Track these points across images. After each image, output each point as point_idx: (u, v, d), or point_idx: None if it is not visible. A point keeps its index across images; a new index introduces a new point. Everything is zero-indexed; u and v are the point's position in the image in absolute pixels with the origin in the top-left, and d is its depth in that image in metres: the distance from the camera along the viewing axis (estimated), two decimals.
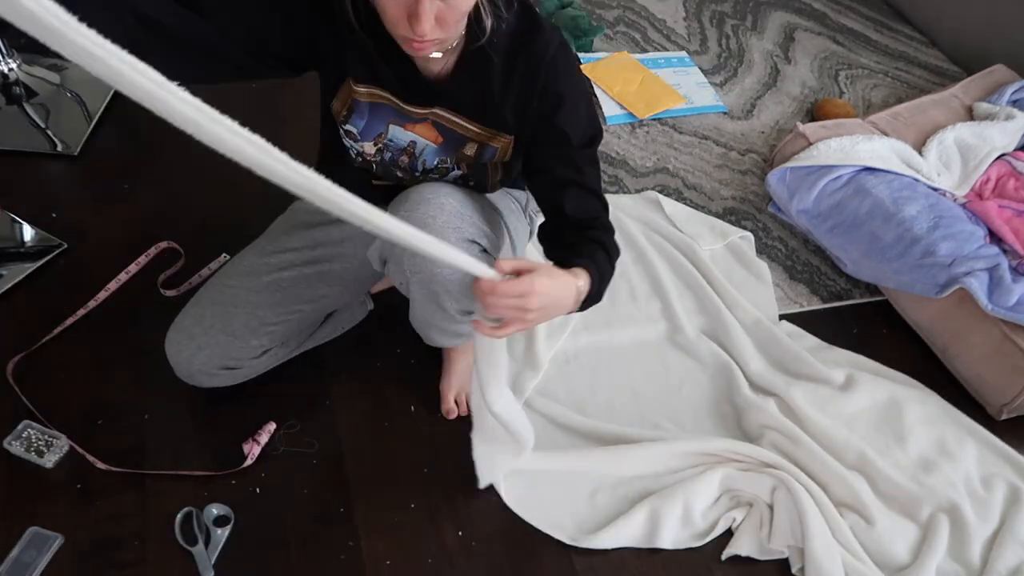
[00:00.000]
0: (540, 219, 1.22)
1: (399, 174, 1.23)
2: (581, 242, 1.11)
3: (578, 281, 1.04)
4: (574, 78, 1.12)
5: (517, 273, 0.98)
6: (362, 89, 1.12)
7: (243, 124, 0.69)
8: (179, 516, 1.23)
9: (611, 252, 1.13)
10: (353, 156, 1.23)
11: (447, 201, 1.13)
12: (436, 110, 1.13)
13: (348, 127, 1.18)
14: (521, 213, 1.36)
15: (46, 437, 1.30)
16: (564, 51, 1.10)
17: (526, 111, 1.11)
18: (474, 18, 1.00)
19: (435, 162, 1.21)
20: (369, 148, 1.20)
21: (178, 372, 1.30)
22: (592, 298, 1.09)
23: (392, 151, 1.20)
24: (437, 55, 1.04)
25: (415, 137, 1.17)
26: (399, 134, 1.17)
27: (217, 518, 1.24)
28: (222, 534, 1.21)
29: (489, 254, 1.16)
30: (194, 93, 0.61)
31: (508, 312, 0.98)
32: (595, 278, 1.06)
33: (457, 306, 1.19)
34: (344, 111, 1.16)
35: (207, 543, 1.20)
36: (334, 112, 1.18)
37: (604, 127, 2.07)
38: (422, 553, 1.25)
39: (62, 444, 1.30)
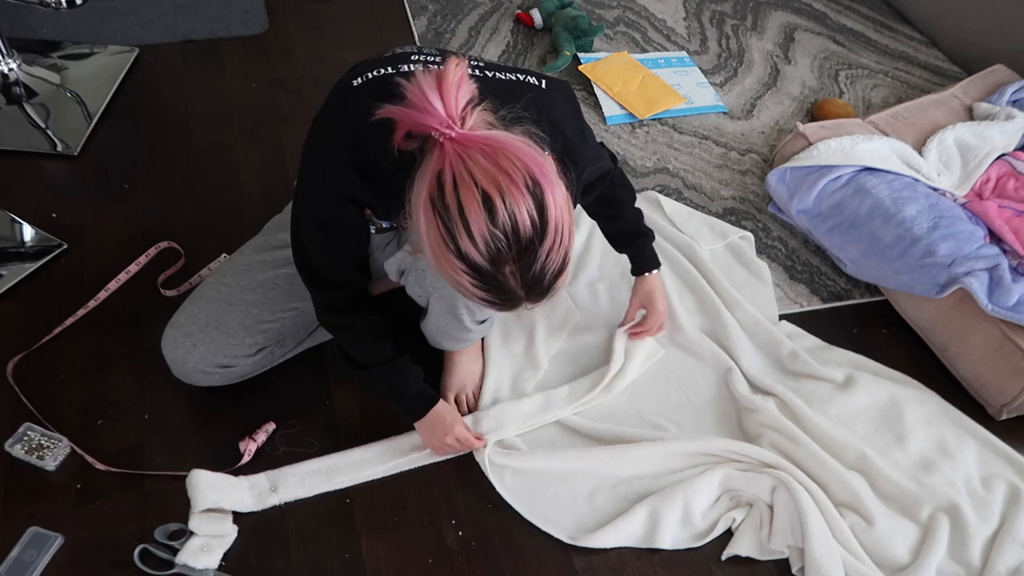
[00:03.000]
0: None
1: None
2: (620, 221, 1.41)
3: (657, 273, 1.46)
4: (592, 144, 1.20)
5: (643, 307, 1.49)
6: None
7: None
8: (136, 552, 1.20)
9: (632, 208, 1.42)
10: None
11: None
12: None
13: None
14: None
15: (47, 439, 1.31)
16: (598, 158, 1.22)
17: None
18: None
19: None
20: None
21: (174, 370, 1.31)
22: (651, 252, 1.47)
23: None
24: None
25: None
26: None
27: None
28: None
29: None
30: None
31: (664, 320, 1.49)
32: (646, 255, 1.45)
33: (474, 318, 1.25)
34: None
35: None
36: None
37: (604, 127, 2.07)
38: (422, 553, 1.25)
39: (63, 446, 1.30)
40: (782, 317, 1.65)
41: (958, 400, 1.52)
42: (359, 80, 1.03)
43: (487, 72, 1.06)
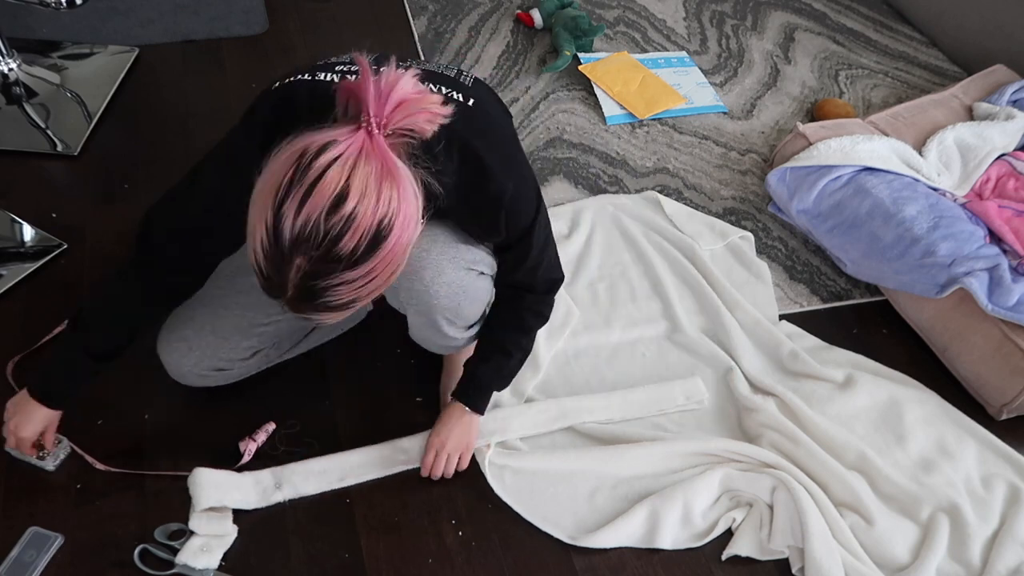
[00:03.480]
0: None
1: None
2: (484, 344, 1.30)
3: (462, 409, 1.30)
4: (536, 222, 1.13)
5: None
6: None
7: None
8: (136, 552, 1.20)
9: (510, 351, 1.29)
10: None
11: (438, 233, 1.16)
12: None
13: None
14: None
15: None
16: (519, 197, 1.09)
17: (488, 238, 1.16)
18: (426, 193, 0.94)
19: None
20: None
21: (170, 373, 1.30)
22: (496, 389, 1.34)
23: None
24: None
25: None
26: None
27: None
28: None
29: (490, 277, 1.22)
30: None
31: (451, 467, 1.32)
32: (476, 397, 1.31)
33: (454, 327, 1.24)
34: None
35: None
36: None
37: (604, 127, 2.07)
38: (422, 553, 1.25)
39: (64, 447, 1.30)
40: (782, 317, 1.65)
41: (958, 400, 1.52)
42: (277, 83, 1.04)
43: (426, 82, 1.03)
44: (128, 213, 1.71)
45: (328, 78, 1.02)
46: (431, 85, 1.01)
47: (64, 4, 1.74)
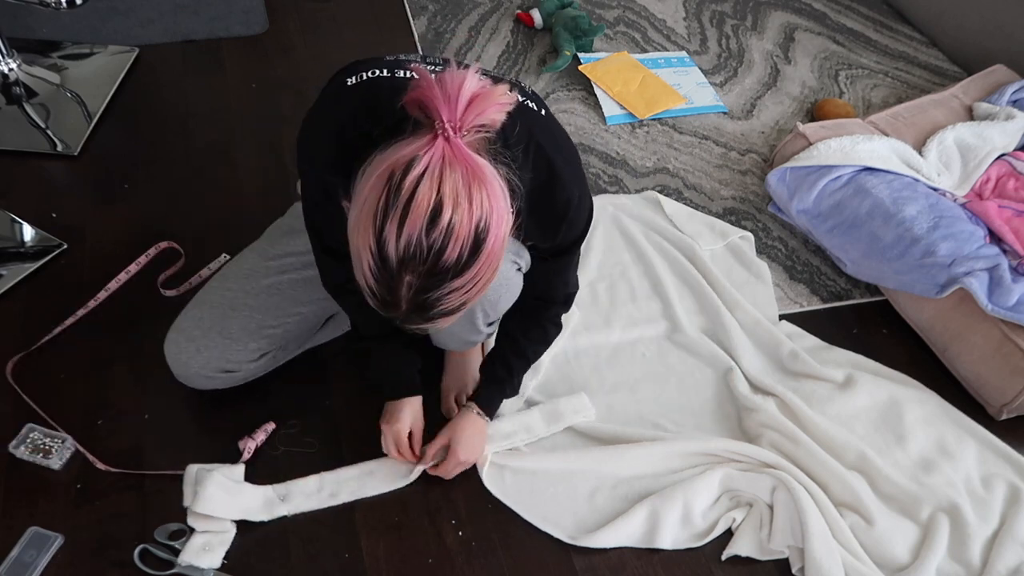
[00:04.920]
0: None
1: None
2: (508, 351, 1.32)
3: (479, 415, 1.31)
4: (587, 220, 1.16)
5: (446, 445, 1.30)
6: None
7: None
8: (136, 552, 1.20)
9: (528, 356, 1.32)
10: None
11: None
12: None
13: None
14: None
15: (51, 439, 1.31)
16: (581, 207, 1.11)
17: (543, 243, 1.17)
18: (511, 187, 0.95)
19: None
20: None
21: (176, 374, 1.31)
22: (508, 395, 1.35)
23: None
24: None
25: None
26: None
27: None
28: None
29: (523, 275, 1.24)
30: None
31: (459, 469, 1.31)
32: (496, 400, 1.33)
33: (487, 320, 1.25)
34: None
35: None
36: None
37: (604, 127, 2.07)
38: (422, 553, 1.25)
39: (68, 445, 1.30)
40: (782, 317, 1.65)
41: (958, 400, 1.52)
42: (353, 80, 1.03)
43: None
44: (128, 213, 1.71)
45: (407, 75, 1.02)
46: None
47: (64, 4, 1.74)
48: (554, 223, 1.10)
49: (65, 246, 1.62)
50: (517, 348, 1.30)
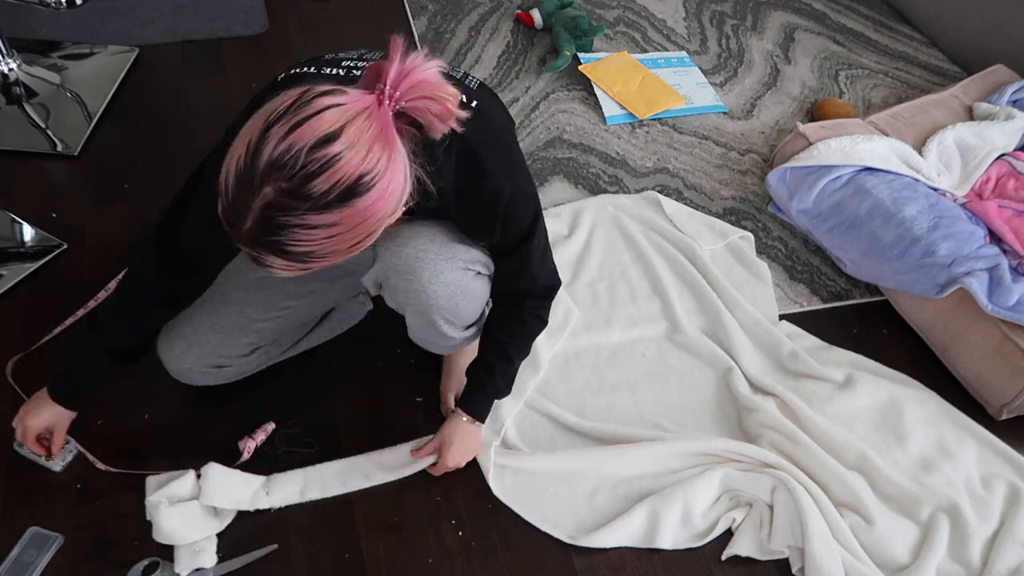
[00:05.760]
0: None
1: None
2: (487, 351, 1.29)
3: (468, 421, 1.30)
4: (536, 229, 1.14)
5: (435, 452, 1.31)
6: None
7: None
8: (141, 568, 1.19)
9: (512, 357, 1.29)
10: None
11: (437, 233, 1.16)
12: None
13: None
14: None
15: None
16: (517, 198, 1.08)
17: (486, 239, 1.15)
18: (417, 187, 0.92)
19: None
20: None
21: (169, 370, 1.31)
22: (492, 403, 1.34)
23: None
24: None
25: None
26: None
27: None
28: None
29: (488, 277, 1.22)
30: None
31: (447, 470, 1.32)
32: (485, 405, 1.32)
33: (452, 327, 1.24)
34: None
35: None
36: None
37: (604, 127, 2.07)
38: (422, 553, 1.25)
39: (71, 446, 1.30)
40: (782, 317, 1.65)
41: (958, 400, 1.52)
42: (281, 76, 1.04)
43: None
44: (128, 213, 1.71)
45: (334, 72, 1.02)
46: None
47: (64, 4, 1.74)
48: (487, 217, 1.08)
49: (65, 246, 1.62)
50: (498, 347, 1.27)
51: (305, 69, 1.04)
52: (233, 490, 1.25)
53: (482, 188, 1.04)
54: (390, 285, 1.18)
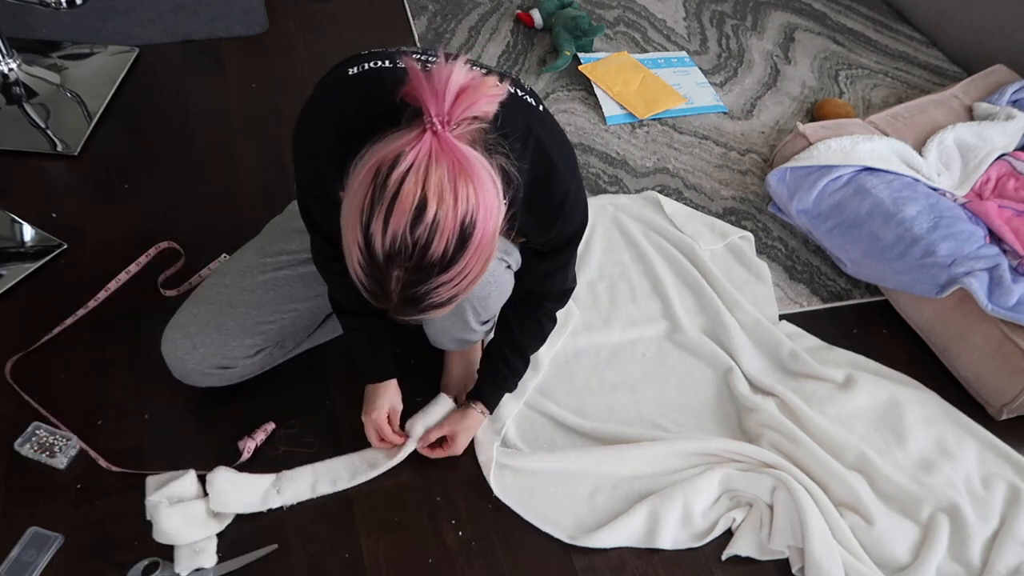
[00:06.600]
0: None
1: None
2: (504, 347, 1.32)
3: (481, 412, 1.34)
4: (583, 215, 1.16)
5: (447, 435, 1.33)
6: None
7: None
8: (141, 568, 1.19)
9: (525, 353, 1.33)
10: None
11: None
12: None
13: None
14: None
15: (56, 437, 1.31)
16: (577, 201, 1.12)
17: (539, 237, 1.16)
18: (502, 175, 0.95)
19: None
20: None
21: (173, 371, 1.31)
22: (502, 397, 1.37)
23: None
24: None
25: None
26: None
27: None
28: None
29: (513, 273, 1.24)
30: None
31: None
32: (497, 397, 1.35)
33: (476, 320, 1.25)
34: None
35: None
36: None
37: (604, 127, 2.07)
38: (422, 553, 1.25)
39: (73, 444, 1.30)
40: (782, 317, 1.65)
41: (958, 400, 1.52)
42: (355, 69, 1.03)
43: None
44: (128, 213, 1.71)
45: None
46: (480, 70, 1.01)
47: (64, 4, 1.74)
48: (551, 216, 1.10)
49: (65, 246, 1.62)
50: (515, 344, 1.31)
51: (379, 63, 1.03)
52: (243, 493, 1.25)
53: (553, 186, 1.06)
54: None
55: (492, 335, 1.36)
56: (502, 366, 1.32)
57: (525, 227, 1.14)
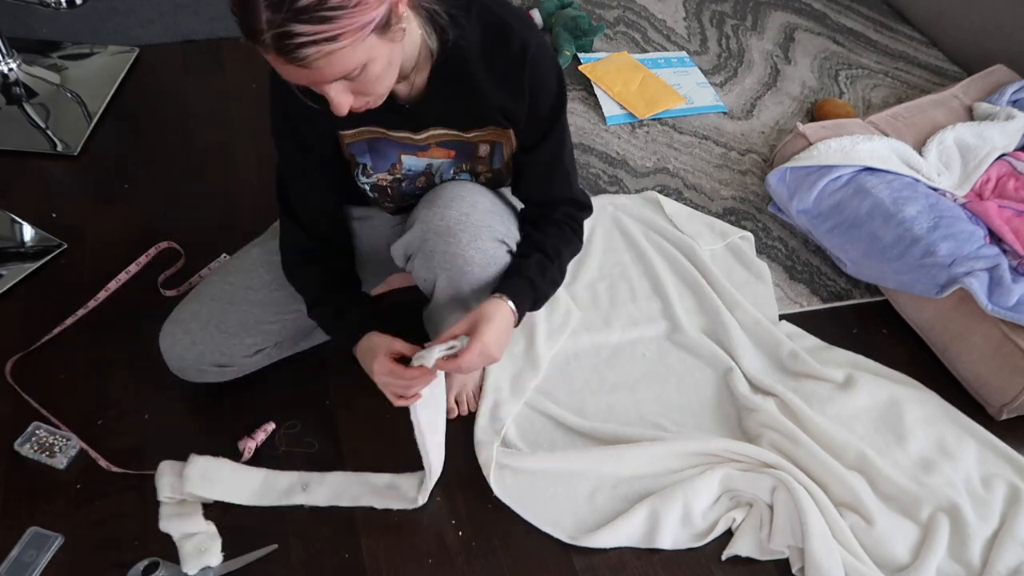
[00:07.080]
0: None
1: (418, 194, 1.27)
2: (525, 244, 1.24)
3: (509, 304, 1.14)
4: (557, 74, 1.16)
5: (468, 332, 1.10)
6: (350, 132, 1.17)
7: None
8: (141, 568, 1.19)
9: (550, 254, 1.21)
10: (369, 193, 1.27)
11: (479, 199, 1.19)
12: (431, 132, 1.16)
13: (361, 162, 1.21)
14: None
15: (56, 437, 1.31)
16: (542, 57, 1.11)
17: (516, 107, 1.14)
18: (433, 36, 1.01)
19: (451, 173, 1.24)
20: (385, 176, 1.23)
21: (170, 365, 1.30)
22: (535, 305, 1.22)
23: (409, 178, 1.24)
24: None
25: (430, 160, 1.21)
26: (413, 162, 1.21)
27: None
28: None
29: (513, 255, 1.23)
30: None
31: (481, 365, 1.12)
32: (524, 295, 1.17)
33: (480, 303, 1.21)
34: (350, 156, 1.21)
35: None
36: (348, 161, 1.23)
37: (604, 127, 2.07)
38: (422, 553, 1.25)
39: (73, 444, 1.30)
40: (782, 317, 1.65)
41: (958, 400, 1.52)
42: None
43: None
44: (128, 213, 1.71)
45: None
46: None
47: (64, 4, 1.74)
48: (517, 72, 1.10)
49: (65, 246, 1.62)
50: (533, 240, 1.22)
51: None
52: (244, 480, 1.27)
53: (508, 42, 1.08)
54: (427, 249, 1.17)
55: None
56: (534, 268, 1.18)
57: (500, 94, 1.13)
